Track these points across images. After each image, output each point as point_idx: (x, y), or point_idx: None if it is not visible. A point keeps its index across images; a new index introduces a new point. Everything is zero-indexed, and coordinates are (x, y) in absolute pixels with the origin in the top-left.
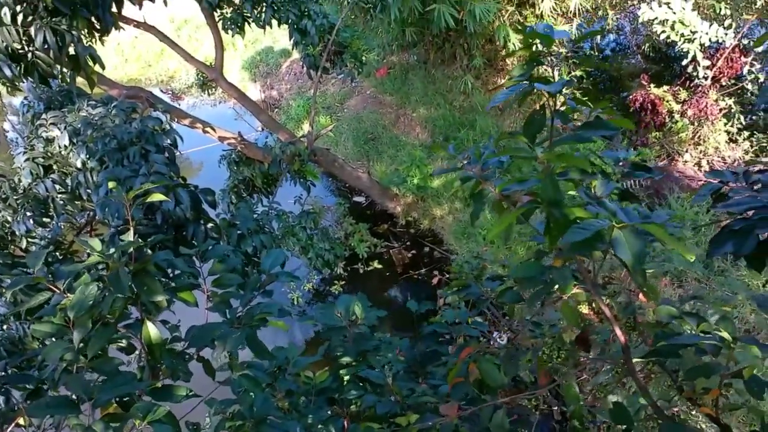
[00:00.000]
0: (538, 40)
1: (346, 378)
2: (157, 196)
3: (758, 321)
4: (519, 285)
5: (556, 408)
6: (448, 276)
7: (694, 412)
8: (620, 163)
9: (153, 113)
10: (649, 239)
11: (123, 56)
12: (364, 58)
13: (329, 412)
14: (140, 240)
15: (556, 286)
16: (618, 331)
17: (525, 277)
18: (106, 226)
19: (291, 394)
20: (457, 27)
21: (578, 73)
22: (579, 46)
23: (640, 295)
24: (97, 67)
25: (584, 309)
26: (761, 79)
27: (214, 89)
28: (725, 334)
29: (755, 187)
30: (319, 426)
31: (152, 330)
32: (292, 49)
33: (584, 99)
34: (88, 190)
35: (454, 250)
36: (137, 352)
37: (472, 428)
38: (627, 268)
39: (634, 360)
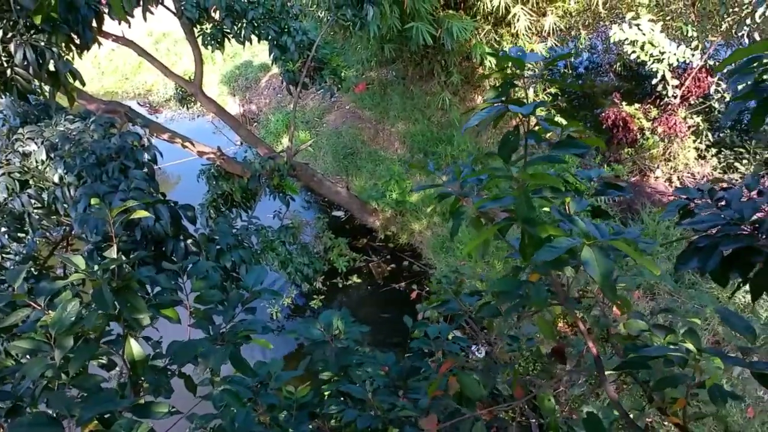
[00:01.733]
0: (511, 63)
1: (327, 393)
2: (141, 213)
3: (726, 333)
4: (496, 299)
5: (533, 420)
6: (426, 290)
7: (666, 422)
8: (593, 181)
9: (132, 128)
10: (621, 255)
11: (100, 69)
12: (343, 73)
13: (310, 427)
14: (122, 256)
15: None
16: (590, 344)
17: (502, 292)
18: (83, 241)
19: (272, 409)
20: (435, 44)
21: (553, 90)
22: (554, 64)
23: (614, 308)
24: (76, 83)
25: (560, 322)
26: (727, 98)
27: (192, 103)
28: (690, 346)
29: (719, 204)
30: None
31: (135, 346)
32: (272, 64)
33: (556, 120)
34: (65, 205)
35: (432, 263)
36: (117, 368)
37: None
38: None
39: (608, 371)
